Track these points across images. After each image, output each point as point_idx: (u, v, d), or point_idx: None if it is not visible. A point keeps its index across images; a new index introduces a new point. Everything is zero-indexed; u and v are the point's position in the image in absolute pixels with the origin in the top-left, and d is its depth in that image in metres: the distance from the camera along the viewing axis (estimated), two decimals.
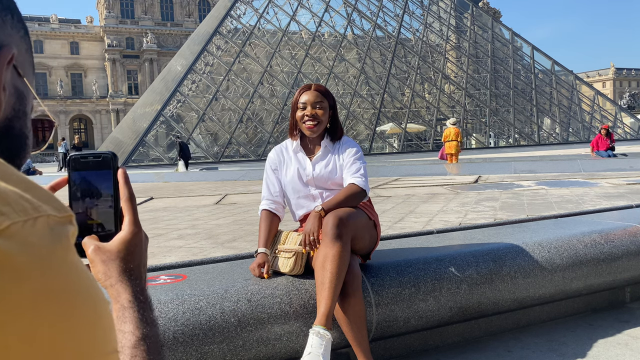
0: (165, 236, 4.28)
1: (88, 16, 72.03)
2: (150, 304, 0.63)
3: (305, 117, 2.24)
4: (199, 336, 1.83)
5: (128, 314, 0.60)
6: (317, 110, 2.23)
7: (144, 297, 0.63)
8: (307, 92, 2.26)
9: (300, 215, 2.35)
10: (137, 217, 0.68)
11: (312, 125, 2.23)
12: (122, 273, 0.63)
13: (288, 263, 2.10)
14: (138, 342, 0.59)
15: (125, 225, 0.66)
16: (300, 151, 2.33)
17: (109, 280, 0.63)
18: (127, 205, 0.67)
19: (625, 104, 74.01)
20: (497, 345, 2.44)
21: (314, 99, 2.24)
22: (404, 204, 5.81)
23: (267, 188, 2.37)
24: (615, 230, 2.95)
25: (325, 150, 2.31)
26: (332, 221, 1.99)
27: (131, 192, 0.68)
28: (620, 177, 8.71)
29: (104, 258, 0.63)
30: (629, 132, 36.67)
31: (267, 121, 31.14)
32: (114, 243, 0.65)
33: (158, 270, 2.44)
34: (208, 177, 14.24)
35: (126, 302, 0.61)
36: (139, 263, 0.65)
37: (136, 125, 28.49)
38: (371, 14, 32.99)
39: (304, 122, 2.24)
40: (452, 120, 15.46)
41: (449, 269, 2.36)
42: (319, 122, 2.24)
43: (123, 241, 0.65)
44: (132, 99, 63.94)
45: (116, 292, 0.62)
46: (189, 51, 31.02)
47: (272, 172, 2.38)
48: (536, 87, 34.80)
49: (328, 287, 1.90)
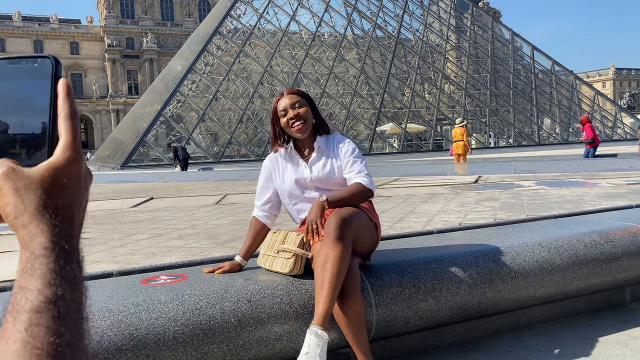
0: (165, 236, 4.28)
1: (88, 16, 72.05)
2: (80, 259, 0.46)
3: (290, 120, 2.24)
4: (199, 336, 1.83)
5: (38, 265, 0.43)
6: (299, 110, 2.24)
7: (70, 246, 0.45)
8: (282, 99, 2.28)
9: (301, 218, 2.34)
10: (77, 142, 0.48)
11: (300, 125, 2.24)
12: (42, 209, 0.45)
13: (288, 264, 2.10)
14: (45, 305, 0.41)
15: (59, 148, 0.47)
16: (295, 155, 2.33)
17: (21, 219, 0.45)
18: (66, 125, 0.48)
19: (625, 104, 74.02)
20: (497, 345, 2.44)
21: (291, 101, 2.25)
22: (404, 204, 5.81)
23: (259, 196, 2.39)
24: (615, 230, 2.95)
25: (319, 151, 2.31)
26: (335, 222, 1.98)
27: (73, 109, 0.49)
28: (620, 177, 8.71)
29: (18, 186, 0.45)
30: (629, 132, 36.66)
31: (267, 121, 31.06)
32: (38, 168, 0.46)
33: (158, 270, 2.45)
34: (208, 177, 14.24)
35: (39, 249, 0.43)
36: (71, 202, 0.47)
37: (136, 125, 28.51)
38: (371, 14, 33.00)
39: (292, 126, 2.24)
40: (459, 120, 15.54)
41: (449, 269, 2.37)
42: (304, 119, 2.25)
43: (51, 167, 0.46)
44: (132, 99, 63.94)
45: (28, 235, 0.44)
46: (189, 51, 31.04)
47: (265, 181, 2.38)
48: (536, 87, 34.81)
49: (327, 287, 1.89)
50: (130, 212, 6.28)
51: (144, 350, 1.74)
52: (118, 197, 8.51)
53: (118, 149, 28.31)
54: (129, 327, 1.75)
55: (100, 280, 2.26)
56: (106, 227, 4.97)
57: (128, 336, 1.73)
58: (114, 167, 23.63)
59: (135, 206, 6.90)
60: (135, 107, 36.95)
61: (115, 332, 1.73)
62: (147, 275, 2.29)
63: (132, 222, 5.26)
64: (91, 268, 3.04)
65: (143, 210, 6.37)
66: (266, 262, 2.19)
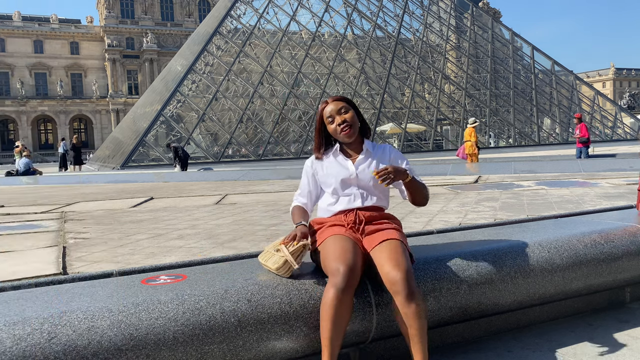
0: (165, 236, 4.28)
1: (88, 16, 72.08)
2: None
3: (338, 127, 2.31)
4: (199, 336, 1.83)
5: None
6: (344, 116, 2.32)
7: None
8: (327, 106, 2.35)
9: (336, 210, 2.35)
10: None
11: (348, 130, 2.31)
12: None
13: (279, 262, 2.11)
14: None
15: None
16: (339, 155, 2.38)
17: None
18: None
19: (625, 104, 74.05)
20: (497, 345, 2.45)
21: (337, 107, 2.33)
22: (404, 204, 5.81)
23: (301, 192, 2.46)
24: (615, 230, 2.95)
25: (367, 153, 2.38)
26: (401, 277, 1.97)
27: None
28: (620, 177, 8.71)
29: None
30: (629, 132, 36.67)
31: (267, 121, 31.17)
32: None
33: (158, 270, 2.45)
34: (208, 177, 14.24)
35: None
36: None
37: (136, 125, 28.49)
38: (371, 14, 33.00)
39: (340, 132, 2.32)
40: (471, 120, 15.66)
41: (449, 269, 2.37)
42: (351, 124, 2.32)
43: None
44: (132, 99, 63.96)
45: None
46: (189, 51, 31.03)
47: (308, 175, 2.44)
48: (536, 87, 34.81)
49: (419, 341, 1.96)
50: (130, 212, 6.28)
51: (144, 350, 1.74)
52: (118, 197, 8.51)
53: (118, 149, 28.29)
54: (129, 327, 1.75)
55: (100, 280, 2.26)
56: (106, 227, 4.97)
57: (128, 336, 1.73)
58: (114, 167, 23.62)
59: (135, 206, 6.90)
60: (135, 107, 36.94)
61: (115, 332, 1.73)
62: (147, 275, 2.29)
63: (132, 222, 5.26)
64: (91, 268, 3.05)
65: (143, 210, 6.37)
66: (264, 257, 2.21)
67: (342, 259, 2.02)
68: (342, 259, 2.02)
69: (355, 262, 2.03)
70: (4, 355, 1.58)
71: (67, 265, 3.18)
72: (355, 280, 2.01)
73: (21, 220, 5.66)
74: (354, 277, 1.99)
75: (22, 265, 3.18)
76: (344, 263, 2.00)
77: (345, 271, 1.97)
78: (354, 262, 2.03)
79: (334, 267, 2.00)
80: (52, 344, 1.64)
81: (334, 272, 1.99)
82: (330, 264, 2.03)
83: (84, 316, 1.75)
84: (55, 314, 1.74)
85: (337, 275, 1.98)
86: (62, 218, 5.76)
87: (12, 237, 4.44)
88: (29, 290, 2.11)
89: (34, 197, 9.13)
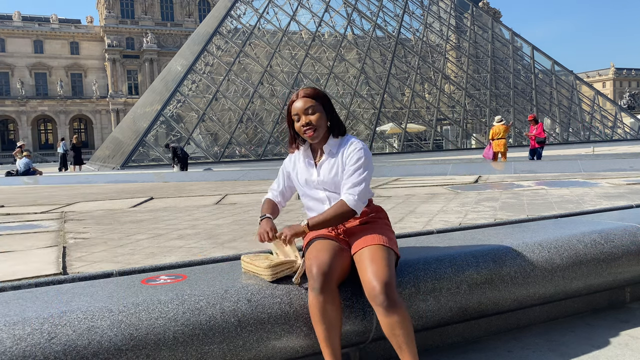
0: (165, 236, 4.27)
1: (88, 16, 72.09)
2: None
3: (302, 127, 2.22)
4: (199, 336, 1.83)
5: None
6: (310, 117, 2.20)
7: None
8: (296, 102, 2.24)
9: (309, 216, 2.34)
10: None
11: (311, 132, 2.21)
12: None
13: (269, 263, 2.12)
14: None
15: None
16: (307, 157, 2.32)
17: None
18: None
19: (625, 104, 74.05)
20: (497, 345, 2.45)
21: (303, 105, 2.21)
22: (404, 204, 5.81)
23: (276, 183, 2.45)
24: (615, 230, 2.94)
25: (330, 154, 2.27)
26: (379, 289, 1.92)
27: None
28: (620, 177, 8.71)
29: None
30: (629, 132, 36.68)
31: (267, 121, 31.15)
32: None
33: (158, 270, 2.45)
34: (208, 177, 14.24)
35: None
36: None
37: (136, 125, 28.50)
38: (371, 14, 33.01)
39: (304, 133, 2.23)
40: (499, 117, 15.18)
41: (449, 269, 2.37)
42: (316, 127, 2.21)
43: None
44: (132, 99, 63.97)
45: None
46: (189, 51, 31.03)
47: (284, 173, 2.43)
48: (536, 87, 34.82)
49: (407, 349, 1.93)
50: (130, 212, 6.27)
51: (144, 350, 1.74)
52: (118, 197, 8.51)
53: (118, 149, 28.30)
54: (129, 327, 1.75)
55: (100, 280, 2.26)
56: (106, 227, 4.97)
57: (128, 336, 1.74)
58: (114, 167, 23.62)
59: (135, 206, 6.89)
60: (135, 107, 36.95)
61: (115, 332, 1.73)
62: (147, 275, 2.29)
63: (132, 222, 5.26)
64: (91, 268, 3.04)
65: (143, 210, 6.36)
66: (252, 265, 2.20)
67: (315, 260, 2.01)
68: (315, 261, 2.00)
69: (330, 263, 2.00)
70: (4, 355, 1.58)
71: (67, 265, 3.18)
72: (331, 280, 1.97)
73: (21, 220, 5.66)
74: (329, 278, 1.96)
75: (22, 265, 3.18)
76: (316, 265, 1.99)
77: (317, 273, 1.96)
78: (329, 262, 1.99)
79: (309, 269, 2.01)
80: (52, 344, 1.64)
81: (309, 275, 2.00)
82: (307, 266, 2.04)
83: (84, 316, 1.75)
84: (55, 314, 1.74)
85: (310, 277, 1.98)
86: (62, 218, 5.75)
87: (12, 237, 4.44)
88: (29, 290, 2.12)
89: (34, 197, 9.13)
